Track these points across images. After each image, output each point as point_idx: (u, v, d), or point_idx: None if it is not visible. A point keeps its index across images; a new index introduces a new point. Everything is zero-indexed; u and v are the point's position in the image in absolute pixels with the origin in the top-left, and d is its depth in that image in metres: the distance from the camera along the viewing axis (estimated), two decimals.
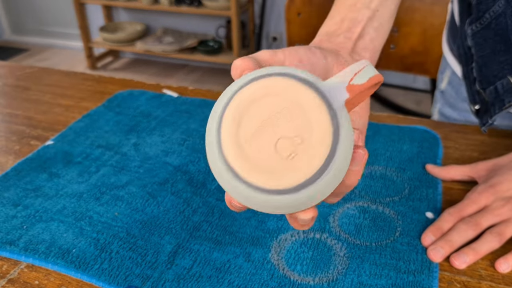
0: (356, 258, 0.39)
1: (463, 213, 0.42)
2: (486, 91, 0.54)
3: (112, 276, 0.37)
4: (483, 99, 0.55)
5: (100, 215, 0.43)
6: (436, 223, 0.42)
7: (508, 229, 0.40)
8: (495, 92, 0.52)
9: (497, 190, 0.42)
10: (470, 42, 0.55)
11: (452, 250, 0.39)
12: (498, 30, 0.51)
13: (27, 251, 0.39)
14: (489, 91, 0.53)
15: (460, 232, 0.40)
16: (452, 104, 0.66)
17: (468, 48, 0.57)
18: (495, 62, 0.52)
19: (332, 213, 0.44)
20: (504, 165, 0.45)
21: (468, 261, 0.38)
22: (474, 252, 0.39)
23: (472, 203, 0.42)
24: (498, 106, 0.52)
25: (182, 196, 0.46)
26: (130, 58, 2.88)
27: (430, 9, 0.94)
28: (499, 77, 0.52)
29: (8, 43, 3.11)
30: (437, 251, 0.39)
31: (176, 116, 0.61)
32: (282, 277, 0.37)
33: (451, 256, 0.39)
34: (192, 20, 2.62)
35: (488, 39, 0.52)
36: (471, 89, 0.58)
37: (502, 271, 0.38)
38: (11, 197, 0.46)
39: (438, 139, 0.55)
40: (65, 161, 0.52)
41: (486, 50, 0.53)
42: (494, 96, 0.53)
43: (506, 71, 0.51)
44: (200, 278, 0.37)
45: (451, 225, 0.41)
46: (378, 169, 0.50)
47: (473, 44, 0.55)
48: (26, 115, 0.63)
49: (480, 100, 0.56)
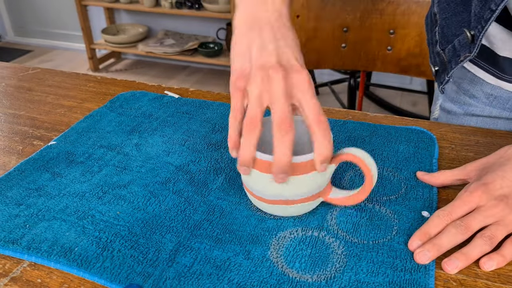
0: (354, 256, 0.39)
1: (453, 216, 0.40)
2: (445, 51, 0.59)
3: (114, 274, 0.37)
4: (442, 60, 0.61)
5: (102, 214, 0.44)
6: (423, 227, 0.40)
7: (499, 232, 0.39)
8: (453, 49, 0.58)
9: (489, 188, 0.41)
10: (436, 9, 0.62)
11: (439, 253, 0.38)
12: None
13: (29, 249, 0.40)
14: (447, 49, 0.59)
15: (449, 236, 0.39)
16: (453, 98, 0.68)
17: (434, 15, 0.63)
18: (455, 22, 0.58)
19: (330, 211, 0.44)
20: (494, 163, 0.44)
21: (460, 266, 0.38)
22: (465, 257, 0.38)
23: (463, 204, 0.41)
24: (455, 61, 0.58)
25: (183, 195, 0.47)
26: (132, 59, 2.89)
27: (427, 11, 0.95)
28: (457, 35, 0.57)
29: (11, 45, 3.12)
30: (424, 254, 0.38)
31: (177, 117, 0.62)
32: (281, 274, 0.37)
33: (443, 262, 0.38)
34: (193, 22, 2.63)
35: (450, 2, 0.58)
36: (433, 52, 0.65)
37: (486, 269, 0.38)
38: (14, 197, 0.47)
39: (434, 139, 0.55)
40: (68, 161, 0.52)
41: (449, 12, 0.59)
42: (451, 54, 0.58)
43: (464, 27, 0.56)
44: (200, 276, 0.37)
45: (440, 229, 0.40)
46: None
47: (438, 10, 0.61)
48: (29, 115, 0.64)
49: (439, 61, 0.62)
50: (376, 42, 1.01)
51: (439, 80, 0.62)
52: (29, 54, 2.98)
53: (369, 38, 1.01)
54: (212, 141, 0.56)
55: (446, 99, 0.70)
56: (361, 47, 1.02)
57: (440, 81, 0.61)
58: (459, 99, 0.67)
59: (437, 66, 0.64)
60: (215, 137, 0.57)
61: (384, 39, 1.00)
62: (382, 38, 1.00)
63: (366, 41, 1.01)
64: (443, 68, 0.61)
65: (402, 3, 0.95)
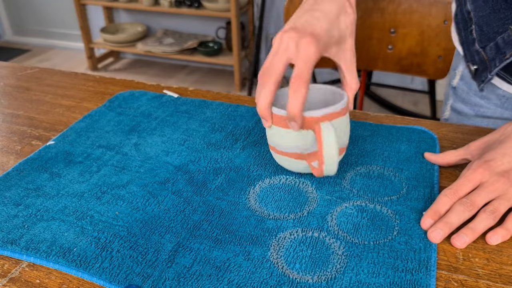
0: (354, 256, 0.39)
1: (459, 193, 0.43)
2: (486, 49, 0.57)
3: (113, 275, 0.37)
4: (481, 58, 0.59)
5: (101, 215, 0.44)
6: (433, 206, 0.43)
7: (502, 206, 0.41)
8: (496, 47, 0.56)
9: (490, 165, 0.43)
10: (470, 7, 0.60)
11: (450, 231, 0.41)
12: None
13: (28, 250, 0.40)
14: (489, 47, 0.57)
15: (457, 213, 0.41)
16: (464, 99, 0.68)
17: (467, 13, 0.61)
18: (495, 19, 0.56)
19: (330, 212, 0.44)
20: (495, 140, 0.46)
21: (468, 241, 0.40)
22: (472, 232, 0.40)
23: (468, 182, 0.43)
24: (499, 59, 0.56)
25: (183, 196, 0.46)
26: (130, 59, 2.88)
27: (428, 10, 0.95)
28: (500, 32, 0.56)
29: (9, 44, 3.12)
30: (437, 232, 0.40)
31: (177, 117, 0.61)
32: (281, 275, 0.37)
33: (452, 238, 0.41)
34: (192, 21, 2.62)
35: (488, 0, 0.57)
36: (469, 51, 0.62)
37: (492, 243, 0.40)
38: (13, 197, 0.46)
39: (435, 139, 0.55)
40: (66, 161, 0.52)
41: (486, 10, 0.57)
42: (494, 52, 0.57)
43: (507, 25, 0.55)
44: (200, 277, 0.37)
45: (448, 207, 0.42)
46: (376, 169, 0.50)
47: (472, 8, 0.59)
48: (27, 115, 0.63)
49: (478, 60, 0.60)
50: (377, 41, 1.01)
51: (479, 79, 0.60)
52: (27, 53, 2.98)
53: (370, 37, 1.01)
54: (212, 140, 0.56)
55: (457, 99, 0.70)
56: (362, 46, 1.02)
57: (481, 79, 0.59)
58: (470, 100, 0.66)
59: (476, 65, 0.62)
60: (214, 137, 0.57)
61: (385, 38, 1.00)
62: (383, 37, 1.00)
63: (367, 40, 1.01)
64: (484, 67, 0.59)
65: (403, 2, 0.95)
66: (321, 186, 0.48)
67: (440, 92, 2.20)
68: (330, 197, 0.46)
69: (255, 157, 0.53)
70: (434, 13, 0.94)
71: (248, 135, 0.57)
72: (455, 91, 0.70)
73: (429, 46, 0.97)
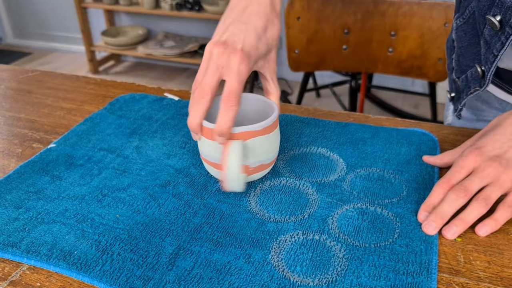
0: (355, 259, 0.39)
1: (452, 181, 0.43)
2: (460, 79, 0.59)
3: (114, 278, 0.37)
4: (457, 87, 0.61)
5: (101, 217, 0.44)
6: (428, 198, 0.43)
7: (494, 193, 0.41)
8: (466, 80, 0.58)
9: (482, 151, 0.43)
10: (454, 35, 0.61)
11: (444, 221, 0.41)
12: (474, 24, 0.56)
13: (29, 253, 0.40)
14: (461, 79, 0.59)
15: (450, 202, 0.41)
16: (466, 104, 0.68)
17: (452, 41, 0.63)
18: (469, 53, 0.57)
19: (331, 214, 0.44)
20: (488, 130, 0.46)
21: (458, 231, 0.41)
22: (462, 222, 0.41)
23: (460, 168, 0.43)
24: (466, 92, 0.58)
25: (183, 198, 0.46)
26: (131, 62, 2.89)
27: (428, 13, 0.95)
28: (470, 66, 0.57)
29: (10, 47, 3.12)
30: (430, 225, 0.41)
31: (177, 119, 0.61)
32: (282, 278, 0.37)
33: (442, 230, 0.41)
34: (193, 24, 2.63)
35: (467, 32, 0.58)
36: (450, 78, 0.64)
37: (481, 235, 0.41)
38: (13, 200, 0.46)
39: (436, 141, 0.55)
40: (67, 164, 0.52)
41: (465, 42, 0.58)
42: (464, 84, 0.58)
43: (476, 61, 0.56)
44: (200, 280, 0.37)
45: (442, 197, 0.43)
46: (376, 171, 0.50)
47: (455, 37, 0.61)
48: (28, 118, 0.63)
49: (455, 88, 0.62)
50: (377, 44, 1.01)
51: (455, 106, 0.62)
52: (28, 56, 2.98)
53: (370, 39, 1.01)
54: None
55: None
56: (362, 49, 1.02)
57: (455, 107, 0.61)
58: (471, 104, 0.67)
59: (453, 93, 0.64)
60: None
61: (385, 40, 1.00)
62: (383, 39, 1.00)
63: (367, 42, 1.01)
64: (458, 96, 0.61)
65: (403, 5, 0.95)
66: (322, 188, 0.48)
67: (440, 94, 2.20)
68: (331, 200, 0.46)
69: None
70: (435, 15, 0.95)
71: None
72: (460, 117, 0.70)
73: (429, 48, 0.97)
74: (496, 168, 0.42)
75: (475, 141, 0.47)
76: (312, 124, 0.60)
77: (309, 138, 0.57)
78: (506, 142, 0.43)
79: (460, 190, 0.42)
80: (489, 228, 0.41)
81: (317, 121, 0.60)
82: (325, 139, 0.56)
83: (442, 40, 0.96)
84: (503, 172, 0.42)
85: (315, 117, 0.61)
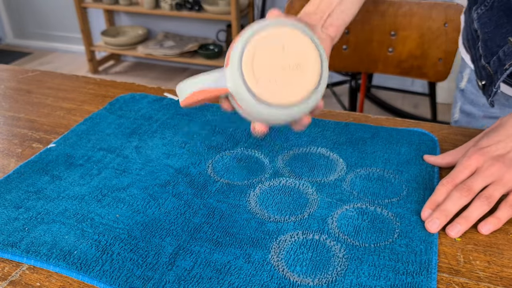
0: (355, 259, 0.39)
1: (456, 181, 0.43)
2: (490, 63, 0.58)
3: (113, 278, 0.37)
4: (487, 73, 0.60)
5: (101, 217, 0.44)
6: (432, 197, 0.44)
7: (497, 191, 0.42)
8: (498, 60, 0.57)
9: (485, 151, 0.44)
10: (476, 25, 0.61)
11: (447, 219, 0.41)
12: (500, 7, 0.56)
13: (28, 253, 0.40)
14: (492, 61, 0.58)
15: (453, 200, 0.42)
16: (473, 101, 0.69)
17: (474, 31, 0.63)
18: (498, 34, 0.57)
19: (331, 214, 0.44)
20: (490, 130, 0.47)
21: (462, 230, 0.41)
22: (465, 221, 0.41)
23: (464, 169, 0.44)
24: (500, 71, 0.57)
25: (183, 198, 0.46)
26: (131, 61, 2.89)
27: (428, 13, 0.95)
28: (501, 46, 0.57)
29: (10, 47, 3.12)
30: (433, 222, 0.41)
31: (177, 119, 0.61)
32: (282, 278, 0.37)
33: (446, 228, 0.41)
34: (192, 24, 2.63)
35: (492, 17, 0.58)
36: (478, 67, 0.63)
37: (484, 233, 0.41)
38: (13, 199, 0.46)
39: (436, 141, 0.55)
40: (67, 164, 0.52)
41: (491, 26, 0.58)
42: (497, 64, 0.57)
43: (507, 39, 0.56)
44: (200, 280, 0.37)
45: (446, 195, 0.43)
46: (376, 171, 0.50)
47: (478, 26, 0.61)
48: (28, 118, 0.63)
49: (485, 75, 0.61)
50: (377, 44, 1.01)
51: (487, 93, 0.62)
52: (28, 56, 2.98)
53: (370, 39, 1.01)
54: (213, 143, 0.56)
55: (466, 101, 0.70)
56: (362, 48, 1.02)
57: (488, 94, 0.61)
58: (478, 101, 0.67)
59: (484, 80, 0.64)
60: (215, 140, 0.57)
61: (385, 40, 1.00)
62: (383, 39, 1.00)
63: (367, 42, 1.01)
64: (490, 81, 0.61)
65: (403, 5, 0.95)
66: (322, 188, 0.48)
67: (440, 94, 2.20)
68: (331, 200, 0.46)
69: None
70: (435, 15, 0.95)
71: (248, 137, 0.57)
72: (463, 94, 0.71)
73: (429, 48, 0.97)
74: (500, 167, 0.42)
75: (477, 142, 0.47)
76: (312, 124, 0.60)
77: (309, 138, 0.57)
78: (509, 142, 0.44)
79: (464, 189, 0.42)
80: (491, 226, 0.41)
81: (317, 121, 0.60)
82: (325, 139, 0.56)
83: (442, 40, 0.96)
84: (506, 172, 0.42)
85: (315, 117, 0.61)
